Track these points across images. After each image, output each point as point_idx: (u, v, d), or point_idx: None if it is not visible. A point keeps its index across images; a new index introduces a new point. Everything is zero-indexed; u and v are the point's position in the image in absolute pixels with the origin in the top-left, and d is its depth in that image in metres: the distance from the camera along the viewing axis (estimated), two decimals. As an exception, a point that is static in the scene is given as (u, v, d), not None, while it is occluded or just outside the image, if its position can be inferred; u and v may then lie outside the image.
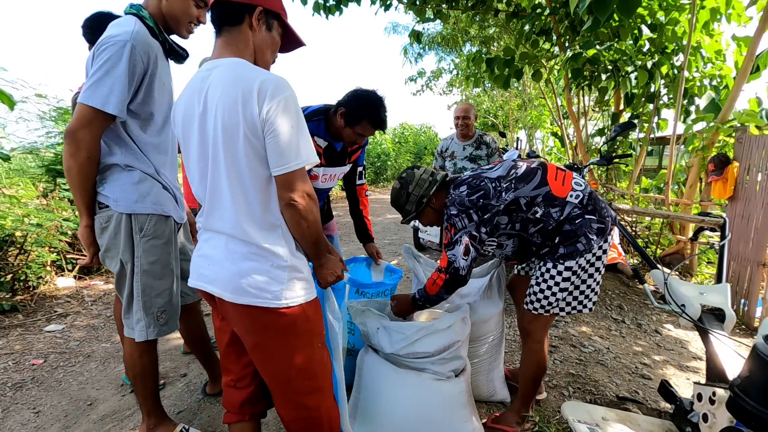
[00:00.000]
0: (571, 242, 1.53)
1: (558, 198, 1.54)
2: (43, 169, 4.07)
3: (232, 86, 1.03)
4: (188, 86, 1.15)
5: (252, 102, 1.01)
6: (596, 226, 1.53)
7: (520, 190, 1.56)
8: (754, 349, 1.23)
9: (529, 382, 1.77)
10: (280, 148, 1.03)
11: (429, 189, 1.69)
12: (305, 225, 1.10)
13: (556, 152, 10.39)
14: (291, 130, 1.03)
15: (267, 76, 1.04)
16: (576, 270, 1.55)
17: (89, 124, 1.33)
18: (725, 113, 3.84)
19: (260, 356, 1.18)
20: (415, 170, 1.74)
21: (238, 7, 1.10)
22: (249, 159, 1.05)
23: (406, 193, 1.71)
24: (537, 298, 1.62)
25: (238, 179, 1.06)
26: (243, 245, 1.10)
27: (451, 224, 1.58)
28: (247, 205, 1.08)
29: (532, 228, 1.58)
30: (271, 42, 1.19)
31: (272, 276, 1.09)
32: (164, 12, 1.44)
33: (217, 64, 1.09)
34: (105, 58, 1.31)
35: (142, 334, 1.54)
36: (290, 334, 1.14)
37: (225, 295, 1.11)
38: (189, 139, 1.13)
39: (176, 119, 1.18)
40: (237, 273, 1.09)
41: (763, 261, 3.28)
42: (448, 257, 1.58)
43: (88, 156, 1.36)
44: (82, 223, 1.49)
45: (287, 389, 1.19)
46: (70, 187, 1.44)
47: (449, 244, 1.58)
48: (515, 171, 1.60)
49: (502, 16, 5.76)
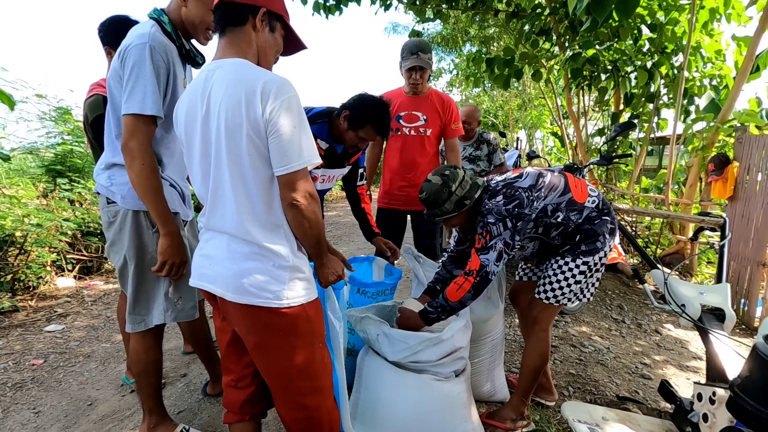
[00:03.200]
0: (591, 240, 1.65)
1: (578, 203, 1.65)
2: (43, 169, 4.08)
3: (235, 86, 1.03)
4: (191, 86, 1.15)
5: (255, 102, 1.01)
6: (609, 227, 1.68)
7: (548, 198, 1.64)
8: (754, 349, 1.23)
9: (531, 373, 1.78)
10: (282, 148, 1.03)
11: (473, 192, 1.67)
12: (307, 225, 1.10)
13: (556, 152, 10.39)
14: (294, 130, 1.04)
15: (270, 77, 1.05)
16: (591, 265, 1.67)
17: (135, 132, 1.35)
18: (725, 113, 3.84)
19: (261, 356, 1.17)
20: (457, 170, 1.71)
21: (241, 8, 1.11)
22: (252, 159, 1.05)
23: (448, 191, 1.66)
24: (552, 288, 1.70)
25: (241, 179, 1.07)
26: (245, 245, 1.10)
27: (487, 231, 1.61)
28: (250, 205, 1.08)
29: (554, 231, 1.66)
30: (274, 43, 1.20)
31: (274, 276, 1.10)
32: (183, 18, 1.48)
33: (220, 64, 1.10)
34: (131, 66, 1.35)
35: (160, 317, 1.56)
36: (291, 334, 1.14)
37: (227, 295, 1.11)
38: (192, 139, 1.14)
39: (179, 119, 1.18)
40: (239, 272, 1.09)
41: (763, 261, 3.29)
42: (480, 261, 1.60)
43: (143, 164, 1.37)
44: (161, 234, 1.46)
45: (288, 389, 1.19)
46: (142, 200, 1.43)
47: (483, 249, 1.60)
48: (543, 180, 1.68)
49: (502, 16, 5.76)
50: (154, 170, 1.40)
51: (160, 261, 1.47)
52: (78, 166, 4.12)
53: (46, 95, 4.09)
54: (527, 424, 1.81)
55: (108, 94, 1.48)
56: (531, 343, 1.78)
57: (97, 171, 1.57)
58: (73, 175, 4.07)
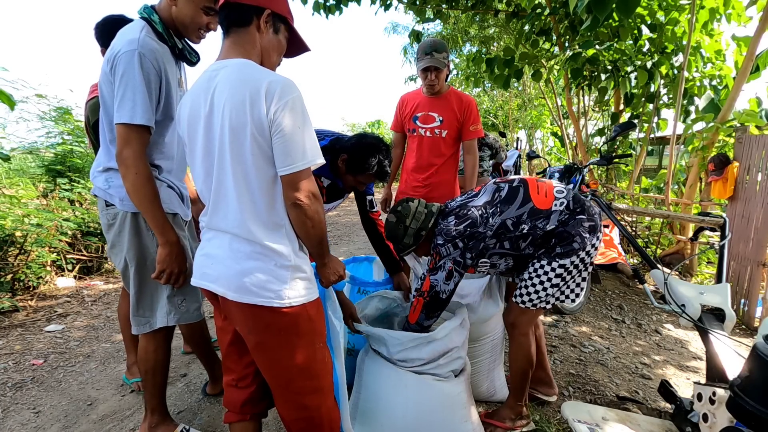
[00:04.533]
0: (567, 242, 1.56)
1: (542, 210, 1.58)
2: (43, 169, 4.08)
3: (239, 86, 1.04)
4: (194, 86, 1.15)
5: (260, 102, 1.02)
6: (588, 225, 1.58)
7: (506, 212, 1.59)
8: (754, 349, 1.23)
9: (518, 377, 1.77)
10: (286, 148, 1.04)
11: (426, 222, 1.70)
12: (310, 225, 1.11)
13: (556, 152, 10.39)
14: (297, 130, 1.05)
15: (275, 77, 1.06)
16: (569, 268, 1.58)
17: (127, 141, 1.35)
18: (725, 113, 3.84)
19: (262, 355, 1.18)
20: (410, 203, 1.75)
21: (246, 9, 1.11)
22: (255, 158, 1.05)
23: (403, 227, 1.71)
24: (527, 292, 1.64)
25: (244, 178, 1.07)
26: (247, 244, 1.10)
27: (436, 252, 1.64)
28: (253, 205, 1.09)
29: (522, 243, 1.60)
30: (278, 45, 1.20)
31: (275, 275, 1.10)
32: (174, 17, 1.46)
33: (224, 64, 1.10)
34: (120, 74, 1.34)
35: (163, 320, 1.56)
36: (292, 334, 1.14)
37: (228, 294, 1.11)
38: (194, 138, 1.14)
39: (182, 119, 1.18)
40: (240, 272, 1.09)
41: (763, 261, 3.29)
42: (430, 281, 1.63)
43: (137, 173, 1.36)
44: (159, 244, 1.45)
45: (288, 389, 1.19)
46: (139, 210, 1.43)
47: (433, 269, 1.64)
48: (499, 194, 1.64)
49: (502, 16, 5.76)
50: (149, 178, 1.39)
51: (158, 270, 1.46)
52: (78, 166, 4.12)
53: (46, 95, 4.08)
54: (527, 423, 1.81)
55: (100, 98, 1.47)
56: (513, 348, 1.76)
57: (93, 173, 1.55)
58: (73, 175, 4.07)
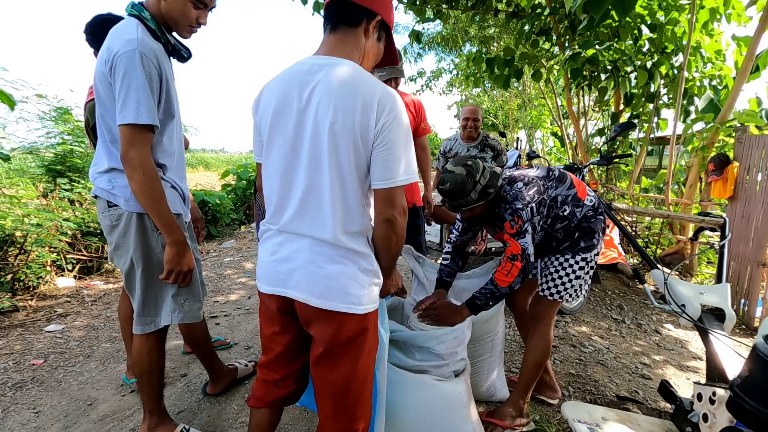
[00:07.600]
0: (589, 237, 1.75)
1: (581, 200, 1.75)
2: (43, 169, 4.08)
3: (350, 91, 1.02)
4: (285, 77, 1.11)
5: (371, 112, 1.01)
6: (602, 226, 1.78)
7: (559, 188, 1.75)
8: (754, 349, 1.23)
9: (533, 368, 1.80)
10: (388, 161, 1.03)
11: (494, 180, 1.68)
12: (395, 240, 1.11)
13: (556, 152, 10.38)
14: (401, 146, 1.05)
15: (387, 89, 1.05)
16: (589, 261, 1.77)
17: (132, 142, 1.33)
18: (725, 113, 3.84)
19: (330, 362, 1.13)
20: (477, 160, 1.72)
21: (359, 10, 1.10)
22: (350, 165, 1.04)
23: (473, 181, 1.65)
24: (555, 285, 1.78)
25: (341, 184, 1.06)
26: (331, 248, 1.08)
27: (518, 216, 1.63)
28: (345, 211, 1.07)
29: (558, 224, 1.74)
30: (377, 52, 1.19)
31: (357, 279, 1.09)
32: (163, 13, 1.44)
33: (328, 61, 1.08)
34: (122, 74, 1.31)
35: (167, 319, 1.56)
36: (360, 341, 1.12)
37: (311, 301, 1.08)
38: (278, 130, 1.10)
39: (266, 108, 1.12)
40: (325, 276, 1.07)
41: (763, 261, 3.29)
42: (520, 245, 1.62)
43: (144, 173, 1.35)
44: (167, 243, 1.44)
45: (344, 399, 1.15)
46: (146, 211, 1.42)
47: (519, 233, 1.62)
48: (552, 173, 1.79)
49: (502, 16, 5.76)
50: (156, 178, 1.39)
51: (167, 270, 1.46)
52: (78, 166, 4.12)
53: (46, 95, 4.08)
54: (527, 423, 1.81)
55: (96, 99, 1.44)
56: (534, 338, 1.82)
57: (93, 174, 1.53)
58: (73, 175, 4.07)
